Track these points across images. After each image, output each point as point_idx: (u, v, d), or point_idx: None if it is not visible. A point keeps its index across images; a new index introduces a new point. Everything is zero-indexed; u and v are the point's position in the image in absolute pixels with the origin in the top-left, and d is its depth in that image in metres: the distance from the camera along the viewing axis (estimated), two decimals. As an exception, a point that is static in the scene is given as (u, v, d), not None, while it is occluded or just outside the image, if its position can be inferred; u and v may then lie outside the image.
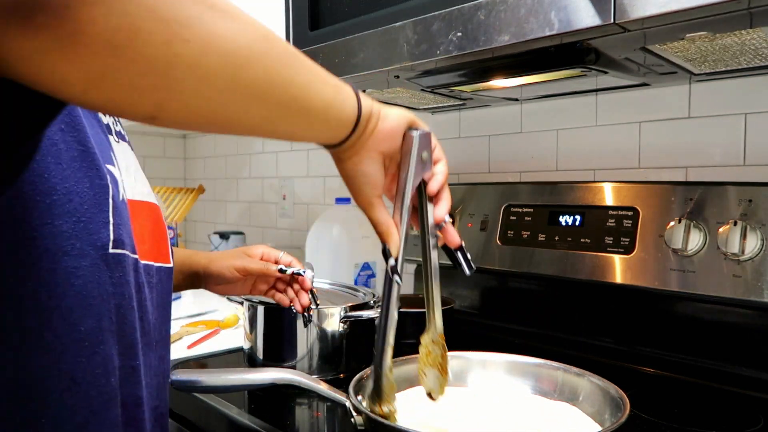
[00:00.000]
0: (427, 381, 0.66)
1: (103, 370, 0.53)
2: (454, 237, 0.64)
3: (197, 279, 0.90)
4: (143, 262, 0.61)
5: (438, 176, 0.62)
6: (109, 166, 0.56)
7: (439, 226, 0.63)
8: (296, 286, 0.91)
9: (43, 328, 0.49)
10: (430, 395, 0.66)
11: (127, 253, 0.56)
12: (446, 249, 0.65)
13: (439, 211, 0.62)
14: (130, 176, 0.63)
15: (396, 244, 0.60)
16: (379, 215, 0.60)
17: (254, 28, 0.41)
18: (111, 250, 0.54)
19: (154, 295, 0.64)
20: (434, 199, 0.63)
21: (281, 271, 0.88)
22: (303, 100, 0.47)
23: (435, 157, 0.62)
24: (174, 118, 0.41)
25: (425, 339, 0.66)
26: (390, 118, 0.57)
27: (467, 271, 0.65)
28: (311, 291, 0.91)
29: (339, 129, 0.53)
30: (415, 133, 0.57)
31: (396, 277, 0.61)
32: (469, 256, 0.65)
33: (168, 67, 0.36)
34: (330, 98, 0.50)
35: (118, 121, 0.69)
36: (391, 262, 0.60)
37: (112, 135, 0.63)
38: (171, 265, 0.69)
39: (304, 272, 0.88)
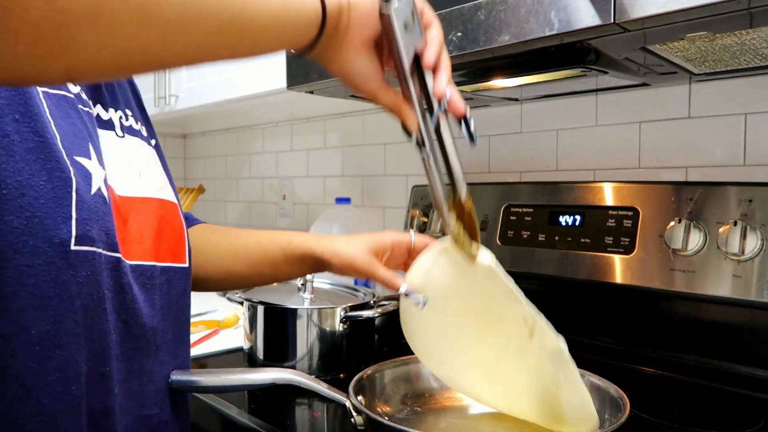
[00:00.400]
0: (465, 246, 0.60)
1: (60, 377, 0.49)
2: (457, 106, 0.56)
3: (320, 267, 0.79)
4: (134, 262, 0.58)
5: (430, 45, 0.54)
6: (81, 159, 0.52)
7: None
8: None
9: None
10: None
11: (98, 250, 0.52)
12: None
13: (438, 85, 0.55)
14: (131, 171, 0.60)
15: (411, 119, 0.56)
16: (386, 99, 0.56)
17: None
18: (73, 247, 0.50)
19: (156, 297, 0.60)
20: (433, 69, 0.55)
21: (405, 295, 0.71)
22: (241, 19, 0.42)
23: (425, 22, 0.55)
24: (91, 72, 0.38)
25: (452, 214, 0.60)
26: (356, 5, 0.50)
27: (468, 143, 0.57)
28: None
29: (301, 36, 0.48)
30: (389, 7, 0.51)
31: (423, 151, 0.57)
32: (472, 127, 0.57)
33: (61, 28, 0.32)
34: (279, 8, 0.44)
35: (137, 118, 0.66)
36: (413, 138, 0.56)
37: (110, 129, 0.60)
38: (184, 264, 0.65)
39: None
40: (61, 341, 0.49)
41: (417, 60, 0.54)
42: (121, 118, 0.63)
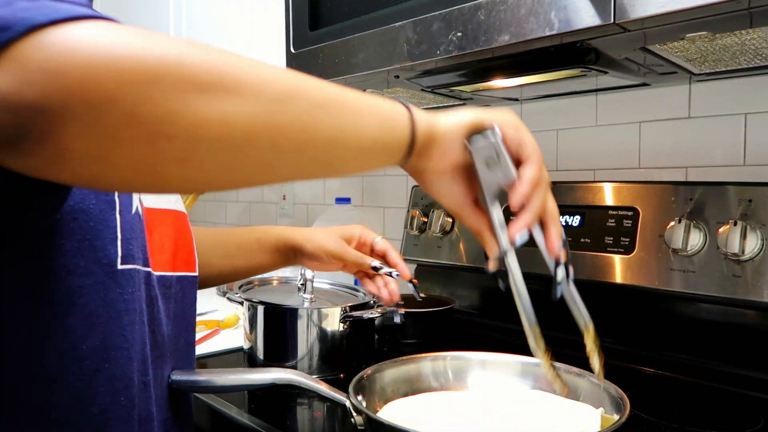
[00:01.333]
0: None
1: (108, 389, 0.52)
2: (551, 246, 0.56)
3: (293, 256, 0.89)
4: (158, 273, 0.60)
5: (520, 186, 0.51)
6: None
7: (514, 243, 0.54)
8: (385, 278, 0.88)
9: (45, 347, 0.49)
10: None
11: (138, 267, 0.55)
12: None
13: (512, 228, 0.54)
14: None
15: (491, 248, 0.56)
16: (469, 223, 0.56)
17: (257, 98, 0.37)
18: (120, 267, 0.53)
19: (171, 305, 0.63)
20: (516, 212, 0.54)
21: (374, 268, 0.86)
22: (327, 156, 0.43)
23: (522, 156, 0.53)
24: (180, 191, 0.41)
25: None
26: (440, 136, 0.51)
27: (558, 292, 0.56)
28: (411, 282, 0.88)
29: (385, 162, 0.49)
30: (471, 144, 0.51)
31: (500, 282, 0.57)
32: (559, 275, 0.56)
33: (156, 165, 0.35)
34: (367, 143, 0.45)
35: None
36: (490, 265, 0.56)
37: None
38: (195, 273, 0.67)
39: (397, 275, 0.86)
40: (109, 355, 0.52)
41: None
42: None
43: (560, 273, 0.56)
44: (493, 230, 0.54)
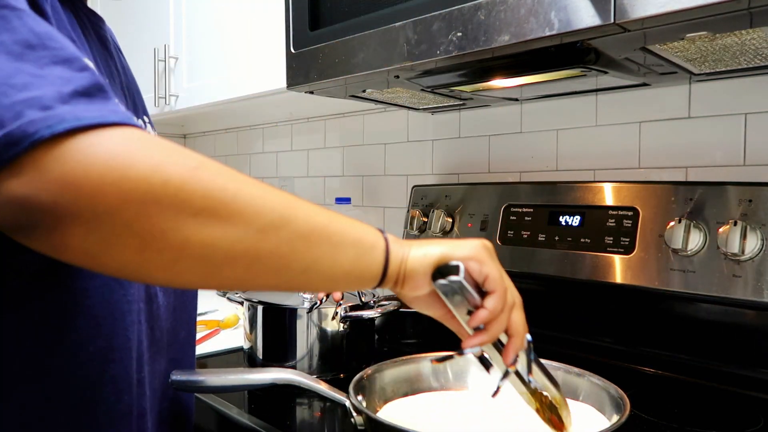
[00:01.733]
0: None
1: (113, 388, 0.54)
2: (505, 357, 0.59)
3: None
4: None
5: (480, 314, 0.54)
6: None
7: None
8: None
9: (53, 350, 0.50)
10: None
11: None
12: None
13: (466, 342, 0.56)
14: None
15: (473, 349, 0.58)
16: (453, 328, 0.60)
17: (248, 224, 0.41)
18: None
19: (171, 299, 0.64)
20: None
21: None
22: (299, 281, 0.46)
23: (486, 288, 0.55)
24: (160, 285, 0.46)
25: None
26: (409, 271, 0.53)
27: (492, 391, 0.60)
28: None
29: (355, 287, 0.52)
30: (436, 285, 0.53)
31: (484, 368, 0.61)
32: (499, 383, 0.60)
33: (140, 269, 0.40)
34: (339, 273, 0.48)
35: (151, 123, 0.70)
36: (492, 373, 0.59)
37: (140, 118, 0.65)
38: None
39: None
40: (114, 356, 0.54)
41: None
42: (145, 125, 0.65)
43: (503, 383, 0.60)
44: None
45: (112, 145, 0.37)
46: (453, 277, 0.52)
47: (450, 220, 1.26)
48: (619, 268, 0.98)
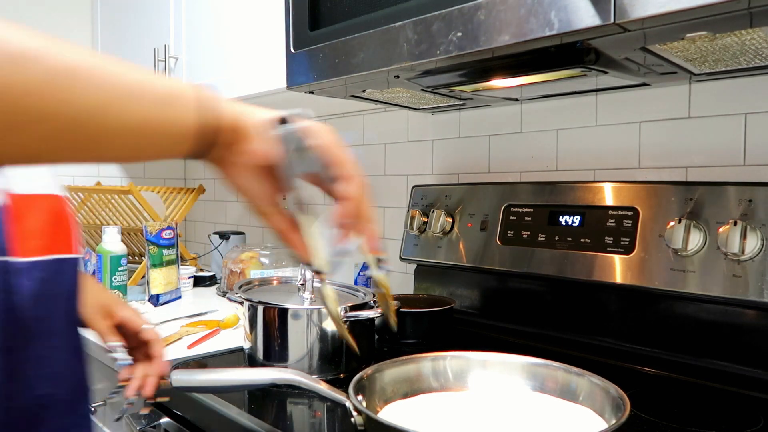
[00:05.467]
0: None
1: None
2: (372, 245, 0.56)
3: None
4: (28, 259, 0.59)
5: (347, 205, 0.52)
6: None
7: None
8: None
9: None
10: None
11: None
12: None
13: (342, 242, 0.53)
14: (28, 169, 0.62)
15: (301, 248, 0.55)
16: (274, 224, 0.55)
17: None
18: None
19: (45, 288, 0.61)
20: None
21: (108, 350, 0.80)
22: (82, 132, 0.40)
23: (339, 173, 0.52)
24: None
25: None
26: (251, 128, 0.49)
27: (377, 272, 0.59)
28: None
29: (169, 150, 0.46)
30: (279, 130, 0.50)
31: (318, 279, 0.57)
32: (383, 271, 0.59)
33: None
34: (135, 124, 0.42)
35: None
36: (303, 270, 0.57)
37: None
38: (74, 255, 0.65)
39: (121, 364, 0.79)
40: None
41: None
42: None
43: (384, 269, 0.58)
44: (298, 230, 0.54)
45: None
46: (298, 121, 0.49)
47: (450, 220, 1.26)
48: (619, 268, 0.98)
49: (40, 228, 0.62)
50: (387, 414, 0.68)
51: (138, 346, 0.82)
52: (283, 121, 0.50)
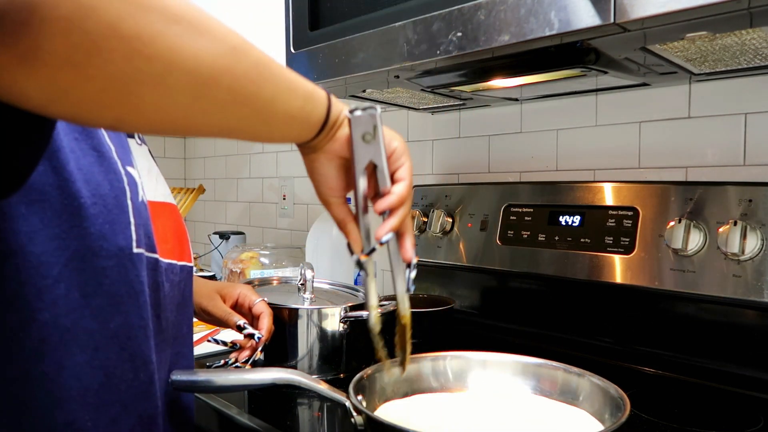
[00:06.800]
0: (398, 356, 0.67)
1: (131, 366, 0.56)
2: (405, 252, 0.62)
3: None
4: (166, 260, 0.63)
5: (389, 197, 0.57)
6: (129, 168, 0.58)
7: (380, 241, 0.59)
8: (250, 341, 0.87)
9: (77, 326, 0.51)
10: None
11: (145, 252, 0.58)
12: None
13: (380, 230, 0.58)
14: (151, 179, 0.65)
15: (354, 240, 0.60)
16: (335, 213, 0.61)
17: (221, 43, 0.41)
18: (135, 250, 0.56)
19: (175, 293, 0.65)
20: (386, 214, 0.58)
21: (239, 328, 0.85)
22: (266, 113, 0.48)
23: (397, 174, 0.58)
24: (134, 127, 0.43)
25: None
26: (341, 119, 0.57)
27: (403, 289, 0.63)
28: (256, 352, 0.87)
29: (302, 134, 0.54)
30: (352, 115, 0.56)
31: (361, 271, 0.62)
32: (413, 275, 0.63)
33: (129, 84, 0.36)
34: (296, 110, 0.50)
35: None
36: (354, 257, 0.60)
37: (134, 138, 0.65)
38: (192, 264, 0.70)
39: (258, 337, 0.85)
40: (131, 334, 0.55)
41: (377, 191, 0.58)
42: None
43: (414, 273, 0.63)
44: (358, 223, 0.60)
45: None
46: (371, 109, 0.55)
47: (450, 220, 1.26)
48: (619, 268, 0.98)
49: (167, 234, 0.65)
50: (385, 413, 0.68)
51: (249, 319, 0.88)
52: (354, 110, 0.56)
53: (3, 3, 0.30)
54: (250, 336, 0.85)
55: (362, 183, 0.57)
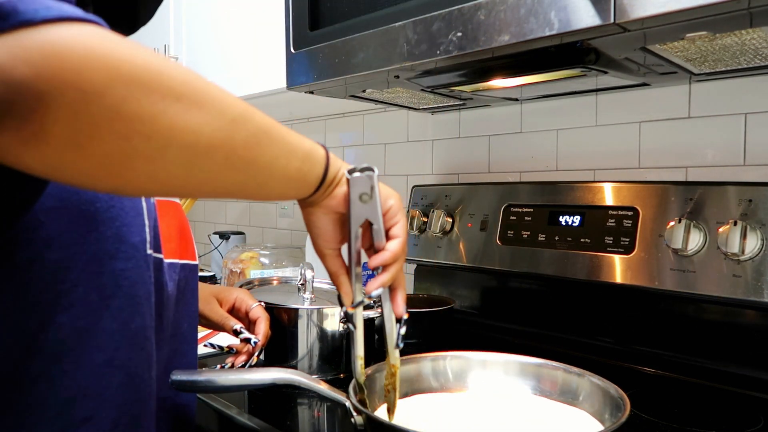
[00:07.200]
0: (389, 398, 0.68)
1: (147, 365, 0.57)
2: (397, 307, 0.63)
3: None
4: (168, 260, 0.64)
5: (384, 254, 0.59)
6: None
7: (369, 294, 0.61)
8: (247, 346, 0.87)
9: (96, 327, 0.52)
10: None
11: (153, 252, 0.59)
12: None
13: (371, 284, 0.60)
14: None
15: (345, 293, 0.62)
16: (329, 265, 0.61)
17: (221, 115, 0.42)
18: (148, 252, 0.57)
19: (176, 292, 0.66)
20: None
21: (235, 332, 0.85)
22: (262, 177, 0.48)
23: (391, 231, 0.60)
24: (131, 194, 0.45)
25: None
26: (340, 176, 0.58)
27: (396, 344, 0.65)
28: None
29: (300, 193, 0.55)
30: (350, 176, 0.58)
31: (349, 325, 0.64)
32: (403, 330, 0.64)
33: (125, 161, 0.38)
34: (293, 171, 0.51)
35: None
36: (342, 309, 0.62)
37: None
38: (196, 262, 0.71)
39: (255, 342, 0.85)
40: (147, 334, 0.57)
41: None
42: None
43: (404, 330, 0.64)
44: (350, 277, 0.61)
45: (94, 32, 0.36)
46: (369, 171, 0.57)
47: (450, 220, 1.26)
48: (619, 268, 0.98)
49: (172, 233, 0.66)
50: (385, 413, 0.68)
51: (246, 323, 0.89)
52: (353, 171, 0.58)
53: (12, 91, 0.32)
54: (247, 340, 0.85)
55: (357, 240, 0.59)
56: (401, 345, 0.64)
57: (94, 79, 0.34)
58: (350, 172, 0.58)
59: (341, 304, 0.62)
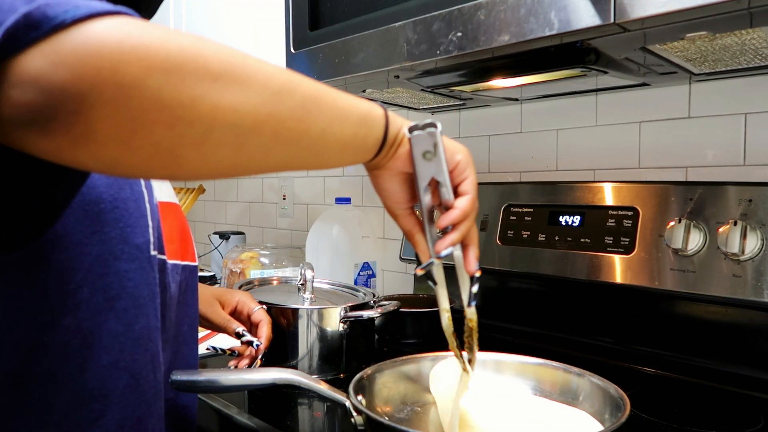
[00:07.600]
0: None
1: (152, 366, 0.57)
2: (469, 264, 0.62)
3: None
4: (171, 261, 0.64)
5: (452, 213, 0.56)
6: None
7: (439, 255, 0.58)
8: (249, 349, 0.86)
9: (101, 329, 0.52)
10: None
11: (156, 254, 0.59)
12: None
13: (439, 244, 0.57)
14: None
15: (422, 251, 0.60)
16: (403, 224, 0.60)
17: (263, 89, 0.41)
18: (152, 253, 0.57)
19: (178, 293, 0.66)
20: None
21: (238, 335, 0.85)
22: (316, 147, 0.47)
23: (461, 188, 0.57)
24: (186, 178, 0.44)
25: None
26: (401, 136, 0.56)
27: (467, 304, 0.64)
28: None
29: (359, 158, 0.53)
30: (411, 134, 0.55)
31: (429, 282, 0.61)
32: (475, 289, 0.63)
33: (172, 149, 0.38)
34: (349, 137, 0.49)
35: None
36: (419, 269, 0.60)
37: None
38: (196, 264, 0.71)
39: (257, 345, 0.85)
40: (152, 335, 0.57)
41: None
42: None
43: (476, 288, 0.63)
44: (425, 234, 0.59)
45: (123, 24, 0.36)
46: (431, 129, 0.54)
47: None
48: (619, 268, 0.98)
49: (173, 234, 0.66)
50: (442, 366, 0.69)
51: (247, 326, 0.89)
52: (414, 128, 0.55)
53: (55, 97, 0.33)
54: (249, 343, 0.85)
55: (426, 199, 0.57)
56: (473, 303, 0.63)
57: (130, 73, 0.35)
58: (411, 130, 0.55)
59: (419, 263, 0.60)
